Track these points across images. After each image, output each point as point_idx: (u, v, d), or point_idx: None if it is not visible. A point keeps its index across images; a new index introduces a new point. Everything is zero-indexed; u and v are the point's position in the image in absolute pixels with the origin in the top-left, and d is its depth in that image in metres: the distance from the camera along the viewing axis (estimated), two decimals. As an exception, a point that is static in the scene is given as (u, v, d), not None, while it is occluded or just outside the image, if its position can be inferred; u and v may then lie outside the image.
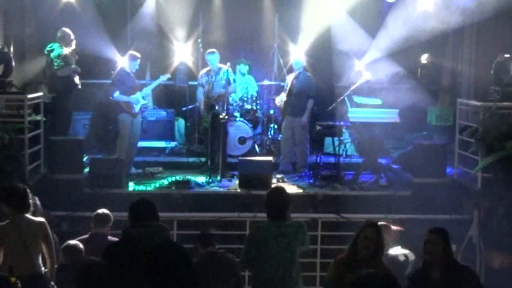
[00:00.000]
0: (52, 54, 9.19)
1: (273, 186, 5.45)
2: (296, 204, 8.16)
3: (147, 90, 9.72)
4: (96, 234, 5.88)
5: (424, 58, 11.53)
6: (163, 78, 9.85)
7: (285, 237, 5.01)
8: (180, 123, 11.22)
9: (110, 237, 5.82)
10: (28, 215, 5.23)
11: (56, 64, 9.16)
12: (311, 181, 9.14)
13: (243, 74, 10.99)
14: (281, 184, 8.84)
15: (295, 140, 9.73)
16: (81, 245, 5.56)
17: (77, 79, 9.37)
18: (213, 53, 9.75)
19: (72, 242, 5.59)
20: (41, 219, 5.33)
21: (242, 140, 10.17)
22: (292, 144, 9.80)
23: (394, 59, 10.70)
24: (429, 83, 11.46)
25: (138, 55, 9.43)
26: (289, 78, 9.83)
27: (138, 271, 3.98)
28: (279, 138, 10.45)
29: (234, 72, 10.37)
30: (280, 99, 9.93)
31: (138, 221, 4.13)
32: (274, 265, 4.96)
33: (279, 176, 9.21)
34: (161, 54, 11.43)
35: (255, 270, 5.09)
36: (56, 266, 5.36)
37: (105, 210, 6.05)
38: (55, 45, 9.21)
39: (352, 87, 9.42)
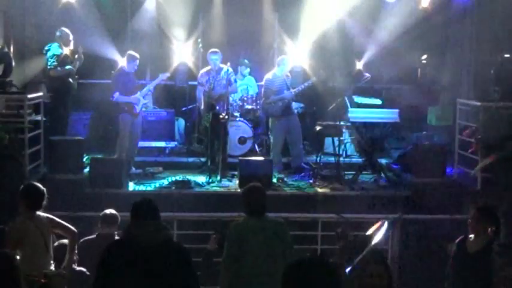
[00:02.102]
0: (48, 54, 9.18)
1: (249, 184, 5.47)
2: (296, 204, 8.21)
3: (147, 89, 9.70)
4: (104, 235, 5.89)
5: (424, 58, 11.53)
6: (163, 77, 9.84)
7: (263, 232, 5.03)
8: (180, 123, 11.21)
9: (117, 238, 5.83)
10: (39, 212, 5.33)
11: (49, 64, 9.15)
12: (311, 181, 9.14)
13: (244, 76, 10.97)
14: (281, 184, 8.88)
15: (292, 140, 9.69)
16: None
17: (72, 80, 9.33)
18: (215, 52, 9.75)
19: (61, 241, 5.61)
20: (47, 214, 5.41)
21: (242, 140, 10.16)
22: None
23: (394, 59, 10.70)
24: (429, 83, 11.47)
25: (137, 55, 9.41)
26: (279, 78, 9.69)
27: (139, 270, 3.98)
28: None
29: (236, 73, 10.36)
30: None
31: (139, 220, 4.13)
32: (252, 260, 4.97)
33: (279, 176, 9.20)
34: (161, 54, 11.42)
35: (236, 266, 5.06)
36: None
37: (113, 211, 6.08)
38: (53, 45, 9.20)
39: (352, 87, 9.41)
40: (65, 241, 5.62)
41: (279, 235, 5.08)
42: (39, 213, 5.36)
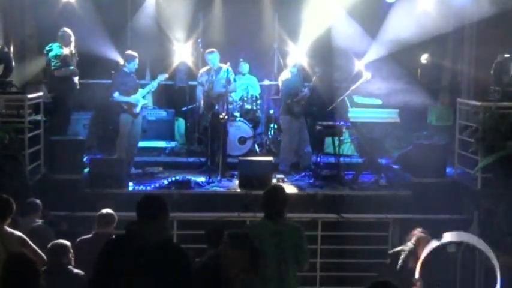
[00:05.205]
0: (50, 54, 9.17)
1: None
2: (296, 204, 8.20)
3: (146, 90, 9.68)
4: (100, 234, 5.90)
5: (424, 58, 11.51)
6: (161, 78, 9.82)
7: (279, 235, 5.03)
8: (180, 123, 11.22)
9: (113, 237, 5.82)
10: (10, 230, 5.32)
11: (53, 64, 9.16)
12: (311, 181, 9.13)
13: (243, 74, 10.98)
14: (281, 184, 8.85)
15: (303, 139, 9.71)
16: (67, 245, 5.51)
17: (75, 79, 9.38)
18: (212, 52, 9.76)
19: (57, 241, 5.54)
20: (20, 234, 5.38)
21: (242, 140, 10.17)
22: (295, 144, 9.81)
23: (394, 59, 10.70)
24: (429, 83, 11.45)
25: (136, 54, 9.40)
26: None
27: (135, 269, 3.97)
28: (279, 138, 10.45)
29: (236, 73, 10.35)
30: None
31: (141, 218, 4.11)
32: (266, 262, 4.96)
33: (279, 176, 9.19)
34: (161, 54, 11.41)
35: None
36: None
37: (109, 210, 6.08)
38: (54, 45, 9.20)
39: (352, 87, 9.42)
40: (57, 241, 5.58)
41: (294, 240, 5.07)
42: (11, 230, 5.33)
